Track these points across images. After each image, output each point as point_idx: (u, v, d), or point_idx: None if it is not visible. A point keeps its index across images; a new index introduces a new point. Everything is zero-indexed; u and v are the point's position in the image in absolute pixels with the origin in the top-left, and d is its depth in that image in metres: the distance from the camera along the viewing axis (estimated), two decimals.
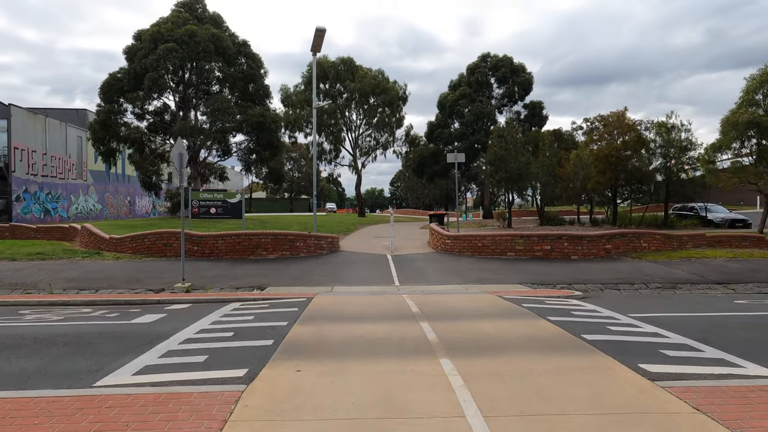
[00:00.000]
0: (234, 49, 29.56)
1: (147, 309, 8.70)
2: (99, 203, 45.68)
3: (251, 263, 14.62)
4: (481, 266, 14.31)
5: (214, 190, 20.63)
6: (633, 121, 25.77)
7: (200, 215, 19.34)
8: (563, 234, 15.92)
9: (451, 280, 12.42)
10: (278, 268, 13.79)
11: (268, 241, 15.50)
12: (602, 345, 5.62)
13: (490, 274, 13.08)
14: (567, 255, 15.71)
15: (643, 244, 16.85)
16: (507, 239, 15.83)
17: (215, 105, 27.02)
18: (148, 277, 12.75)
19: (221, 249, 15.47)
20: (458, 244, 16.51)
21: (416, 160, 45.14)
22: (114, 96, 28.40)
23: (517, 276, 12.82)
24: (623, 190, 26.45)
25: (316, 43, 16.21)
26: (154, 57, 26.30)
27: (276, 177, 32.85)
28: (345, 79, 43.22)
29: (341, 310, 8.01)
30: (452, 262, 15.11)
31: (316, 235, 16.36)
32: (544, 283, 12.06)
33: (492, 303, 8.55)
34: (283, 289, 11.09)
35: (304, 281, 12.18)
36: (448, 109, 41.18)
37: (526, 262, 14.91)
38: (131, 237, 16.36)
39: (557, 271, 13.44)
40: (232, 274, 13.12)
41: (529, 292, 10.48)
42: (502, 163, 26.80)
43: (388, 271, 13.67)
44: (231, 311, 8.13)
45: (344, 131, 47.54)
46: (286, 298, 9.56)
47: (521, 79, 40.28)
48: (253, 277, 12.64)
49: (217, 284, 11.97)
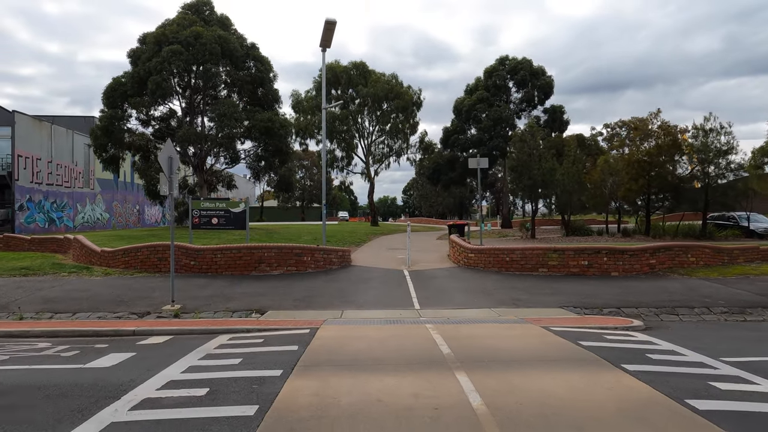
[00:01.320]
0: (242, 52, 28.33)
1: (116, 344, 7.16)
2: (106, 212, 44.73)
3: (252, 280, 13.08)
4: (511, 284, 12.61)
5: (216, 199, 19.21)
6: (668, 124, 23.86)
7: (201, 226, 17.91)
8: (602, 248, 14.16)
9: (479, 302, 10.75)
10: (282, 287, 12.23)
11: (272, 255, 13.97)
12: (733, 422, 3.92)
13: (523, 295, 11.38)
14: (606, 271, 13.96)
15: (690, 259, 15.01)
16: (539, 253, 14.11)
17: (221, 109, 25.73)
18: (136, 297, 11.27)
19: (220, 264, 13.97)
20: (483, 258, 14.83)
21: (431, 167, 43.51)
22: (117, 101, 27.28)
23: (555, 297, 11.11)
24: (657, 197, 24.53)
25: (326, 37, 14.74)
26: (157, 60, 25.14)
27: (285, 185, 31.45)
28: (357, 84, 41.86)
29: (353, 349, 6.39)
30: (477, 279, 13.42)
31: (325, 249, 14.79)
32: (588, 306, 10.33)
33: (541, 339, 6.87)
34: (285, 314, 9.51)
35: (310, 303, 10.59)
36: (464, 114, 39.55)
37: (561, 280, 13.18)
38: (123, 250, 14.95)
39: (600, 291, 11.69)
40: (230, 293, 11.59)
41: (577, 320, 8.76)
42: (526, 170, 25.10)
43: (406, 290, 12.03)
44: (215, 349, 6.55)
45: (356, 138, 46.12)
46: (286, 328, 7.97)
47: (541, 82, 38.54)
48: (253, 298, 11.09)
49: (210, 306, 10.44)
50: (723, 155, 22.62)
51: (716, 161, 22.70)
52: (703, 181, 23.36)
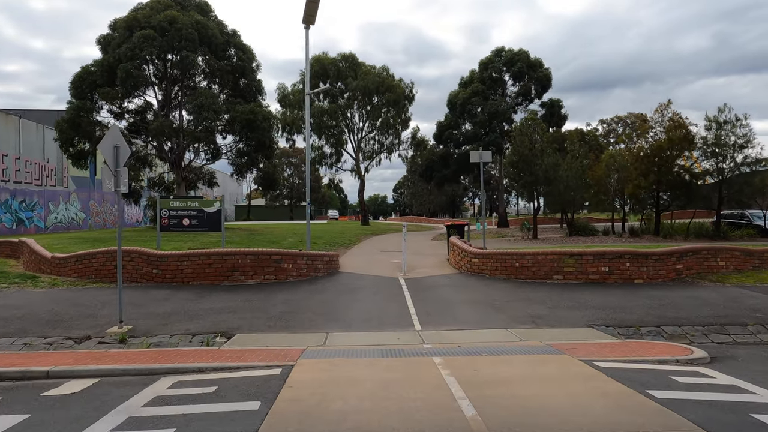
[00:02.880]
0: (222, 39, 26.29)
1: (12, 395, 5.28)
2: (82, 212, 42.32)
3: (223, 292, 11.20)
4: (524, 295, 10.87)
5: (188, 198, 17.28)
6: (680, 116, 22.26)
7: (171, 227, 15.98)
8: (624, 252, 12.47)
9: (490, 319, 8.98)
10: (257, 301, 10.37)
11: (247, 262, 12.08)
12: None
13: (540, 309, 9.64)
14: (629, 278, 12.29)
15: (720, 263, 13.39)
16: (553, 259, 12.38)
17: (199, 101, 23.70)
18: (79, 315, 9.35)
19: (186, 273, 12.06)
20: (488, 264, 13.08)
21: (424, 163, 41.76)
22: (86, 91, 25.12)
23: (580, 313, 9.38)
24: (667, 194, 22.94)
25: (309, 11, 12.85)
26: (128, 46, 23.05)
27: (269, 182, 29.45)
28: (347, 77, 39.93)
29: (335, 408, 4.56)
30: (485, 289, 11.66)
31: (309, 254, 12.93)
32: (622, 324, 8.62)
33: (595, 387, 5.08)
34: (256, 339, 7.67)
35: (289, 323, 8.75)
36: (459, 108, 37.80)
37: (580, 290, 11.47)
38: (76, 257, 12.98)
39: (628, 304, 9.99)
40: (194, 309, 9.71)
41: (620, 348, 7.01)
42: (527, 165, 23.40)
43: (403, 303, 10.22)
44: (144, 407, 4.70)
45: (346, 133, 44.18)
46: (251, 366, 6.12)
47: (539, 74, 36.89)
48: (220, 316, 9.23)
49: (167, 327, 8.57)
50: (739, 149, 21.10)
51: (732, 155, 21.18)
52: (717, 177, 21.84)
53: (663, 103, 22.81)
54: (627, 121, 58.38)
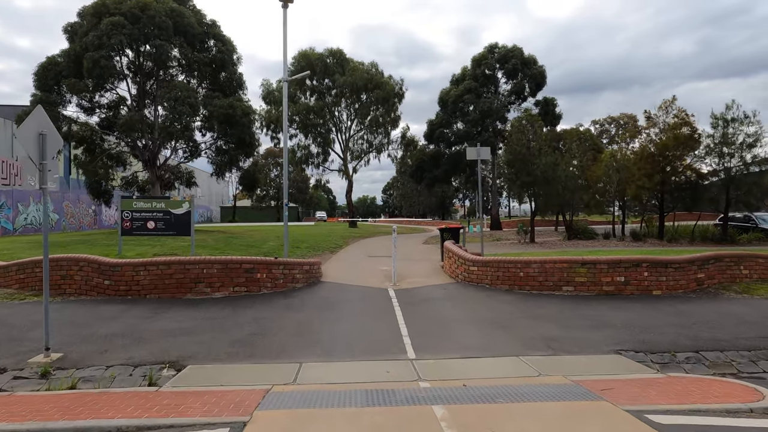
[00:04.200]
0: (200, 30, 24.61)
1: None
2: (55, 213, 40.24)
3: (184, 308, 9.61)
4: (532, 311, 9.43)
5: (154, 198, 15.66)
6: (686, 113, 21.03)
7: (134, 231, 14.33)
8: (642, 260, 11.10)
9: (498, 344, 7.52)
10: (221, 319, 8.81)
11: (214, 272, 10.49)
12: None
13: (554, 329, 8.20)
14: (647, 289, 10.94)
15: (743, 272, 12.12)
16: (563, 268, 10.97)
17: (174, 94, 22.00)
18: (3, 339, 7.73)
19: (144, 284, 10.44)
20: (489, 273, 11.63)
21: (415, 164, 40.33)
22: (51, 83, 23.29)
23: (601, 334, 7.95)
24: (671, 196, 21.70)
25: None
26: (95, 34, 21.29)
27: (250, 181, 27.77)
28: (334, 73, 38.40)
29: None
30: (486, 302, 10.20)
31: (286, 262, 11.37)
32: (654, 349, 7.21)
33: None
34: (209, 374, 6.12)
35: (255, 349, 7.21)
36: (450, 106, 36.43)
37: (594, 303, 10.08)
38: (18, 265, 11.30)
39: (653, 321, 8.61)
40: (145, 330, 8.13)
41: (669, 388, 5.56)
42: (524, 164, 22.05)
43: (393, 322, 8.72)
44: None
45: (333, 132, 42.65)
46: (188, 425, 4.57)
47: (533, 71, 35.65)
48: (174, 339, 7.66)
49: (106, 355, 7.00)
50: (748, 148, 19.94)
51: (741, 154, 20.01)
52: (725, 178, 20.67)
53: (667, 100, 21.57)
54: (620, 122, 57.56)
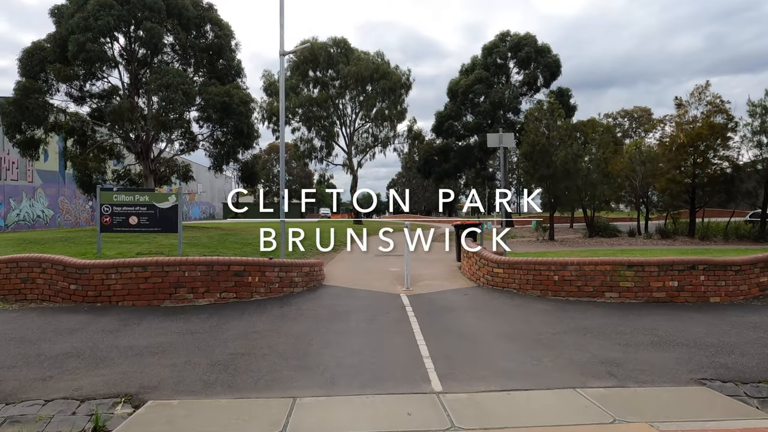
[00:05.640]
0: (194, 13, 23.08)
1: None
2: (50, 209, 38.86)
3: (160, 318, 8.08)
4: (577, 323, 7.83)
5: (137, 190, 14.18)
6: (721, 99, 19.30)
7: (114, 227, 12.82)
8: (697, 261, 9.49)
9: (546, 370, 5.91)
10: (202, 333, 7.27)
11: (197, 275, 8.96)
12: None
13: (611, 348, 6.62)
14: (704, 296, 9.34)
15: None
16: (605, 271, 9.39)
17: (165, 80, 20.47)
18: None
19: (116, 289, 8.93)
20: (517, 276, 10.06)
21: (422, 158, 38.69)
22: (37, 69, 21.82)
23: (669, 356, 6.36)
24: (702, 190, 20.02)
25: None
26: (81, 15, 19.79)
27: (248, 175, 26.26)
28: (338, 63, 36.77)
29: None
30: (518, 312, 8.62)
31: (283, 263, 9.83)
32: (743, 377, 5.61)
33: None
34: (170, 418, 4.56)
35: (236, 377, 5.66)
36: (460, 97, 34.76)
37: (646, 313, 8.49)
38: None
39: (728, 338, 7.00)
40: (108, 348, 6.60)
41: None
42: (543, 156, 20.40)
43: (410, 339, 7.14)
44: None
45: (337, 125, 41.06)
46: None
47: (547, 60, 33.91)
48: (141, 360, 6.14)
49: (50, 384, 5.47)
50: None
51: None
52: (763, 169, 18.98)
53: (700, 85, 19.81)
54: (633, 115, 55.74)
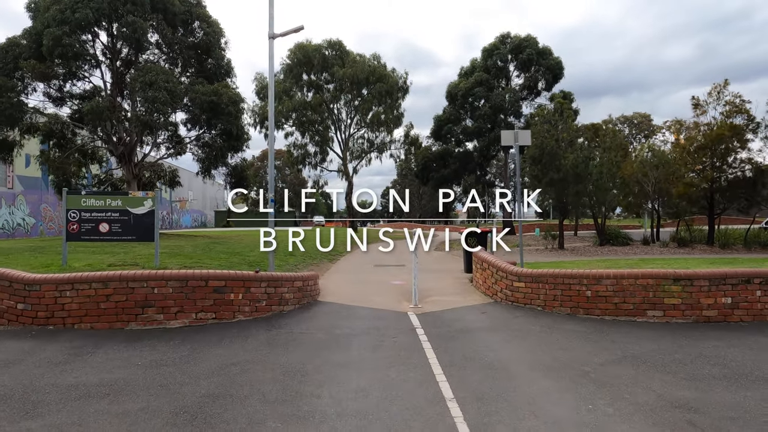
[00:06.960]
0: (181, 8, 21.79)
1: None
2: (31, 216, 37.25)
3: (121, 346, 6.66)
4: (623, 351, 6.48)
5: (108, 193, 12.75)
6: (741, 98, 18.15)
7: (82, 235, 11.38)
8: (752, 274, 8.19)
9: (608, 421, 4.54)
10: (169, 366, 5.85)
11: (169, 292, 7.54)
12: None
13: (677, 385, 5.27)
14: (761, 314, 8.06)
15: None
16: (647, 285, 8.07)
17: (148, 77, 19.10)
18: None
19: (72, 309, 7.50)
20: (542, 290, 8.72)
21: (420, 163, 37.47)
22: (11, 67, 20.39)
23: (753, 394, 5.02)
24: (722, 195, 18.83)
25: None
26: (58, 8, 18.43)
27: (239, 179, 24.86)
28: (333, 65, 35.57)
29: None
30: (550, 336, 7.25)
31: (271, 278, 8.43)
32: None
33: None
34: None
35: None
36: (460, 100, 33.59)
37: (697, 335, 7.19)
38: None
39: None
40: (44, 389, 5.17)
41: None
42: (552, 159, 19.17)
43: (427, 373, 5.73)
44: None
45: (332, 130, 39.82)
46: None
47: (549, 62, 32.85)
48: (83, 409, 4.70)
49: None
50: None
51: None
52: None
53: (719, 83, 18.63)
54: (633, 121, 54.94)
